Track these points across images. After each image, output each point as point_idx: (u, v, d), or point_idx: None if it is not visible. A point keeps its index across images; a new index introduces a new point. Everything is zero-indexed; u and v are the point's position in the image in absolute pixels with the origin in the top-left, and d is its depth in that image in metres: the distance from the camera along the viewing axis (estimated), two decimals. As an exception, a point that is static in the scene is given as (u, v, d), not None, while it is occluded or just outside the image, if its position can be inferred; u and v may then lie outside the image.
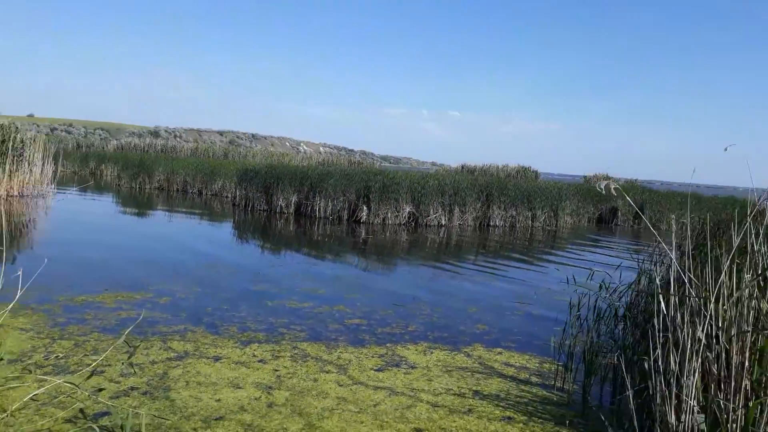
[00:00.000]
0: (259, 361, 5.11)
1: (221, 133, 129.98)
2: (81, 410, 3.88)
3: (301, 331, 6.09)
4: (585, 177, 39.96)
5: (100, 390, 4.18)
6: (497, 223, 18.60)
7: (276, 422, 3.94)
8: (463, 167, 40.23)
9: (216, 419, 3.92)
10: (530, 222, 19.17)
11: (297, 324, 6.32)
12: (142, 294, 7.14)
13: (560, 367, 5.46)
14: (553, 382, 5.08)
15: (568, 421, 4.28)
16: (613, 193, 3.18)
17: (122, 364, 4.75)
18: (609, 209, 22.52)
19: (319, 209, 17.63)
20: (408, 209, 17.38)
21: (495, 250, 14.18)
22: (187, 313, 6.47)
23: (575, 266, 12.03)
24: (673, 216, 16.36)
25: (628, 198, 3.47)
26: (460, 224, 18.03)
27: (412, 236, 15.48)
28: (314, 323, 6.41)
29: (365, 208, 17.15)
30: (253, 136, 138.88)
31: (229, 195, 23.07)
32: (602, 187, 3.17)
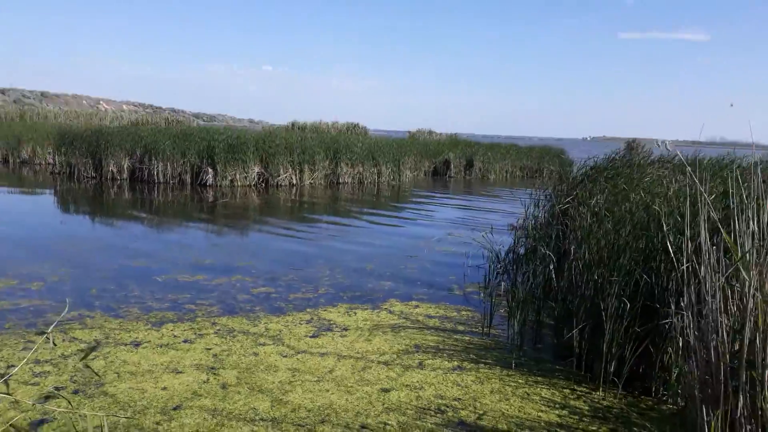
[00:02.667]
0: (185, 342, 4.70)
1: (3, 92, 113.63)
2: (10, 424, 3.28)
3: (210, 305, 5.69)
4: (410, 132, 41.56)
5: (16, 400, 3.56)
6: (346, 180, 18.75)
7: (240, 403, 3.68)
8: (293, 125, 39.65)
9: (174, 409, 3.56)
10: (376, 177, 19.61)
11: (203, 298, 5.89)
12: (3, 281, 6.12)
13: (476, 313, 5.78)
14: (480, 329, 5.35)
15: (513, 363, 4.55)
16: (669, 149, 3.37)
17: (78, 365, 4.08)
18: (442, 162, 23.81)
19: (158, 173, 16.35)
20: (257, 170, 16.81)
21: (358, 207, 14.34)
22: (73, 297, 5.71)
23: (434, 219, 12.65)
24: (498, 165, 17.67)
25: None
26: (311, 183, 17.88)
27: (267, 197, 15.05)
28: (220, 295, 6.02)
29: (210, 170, 16.25)
30: (42, 94, 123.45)
31: (42, 162, 20.46)
32: (660, 144, 3.33)
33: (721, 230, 2.52)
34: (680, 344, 3.40)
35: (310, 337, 4.94)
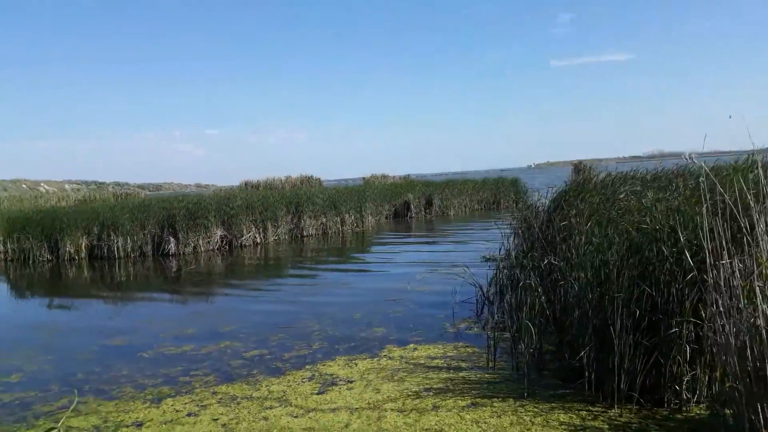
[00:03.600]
0: (189, 415, 4.54)
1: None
2: None
3: (206, 374, 5.52)
4: (364, 178, 41.90)
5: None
6: (311, 232, 18.67)
7: (263, 472, 3.56)
8: (246, 184, 39.41)
9: (196, 488, 3.41)
10: (340, 226, 19.59)
11: (196, 369, 5.71)
12: (-21, 378, 5.81)
13: (474, 348, 5.79)
14: (483, 363, 5.34)
15: (525, 393, 4.55)
16: (694, 160, 3.48)
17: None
18: (402, 204, 24.01)
19: (118, 248, 15.92)
20: (219, 233, 16.58)
21: (328, 258, 14.26)
22: (58, 385, 5.45)
23: (406, 261, 12.70)
24: (456, 200, 17.87)
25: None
26: (275, 239, 17.72)
27: (233, 259, 14.81)
28: (213, 363, 5.85)
29: (172, 239, 15.94)
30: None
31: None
32: (687, 157, 3.44)
33: (746, 234, 2.63)
34: (703, 351, 3.48)
35: (317, 393, 4.84)
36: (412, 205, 23.85)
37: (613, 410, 4.12)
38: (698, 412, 4.00)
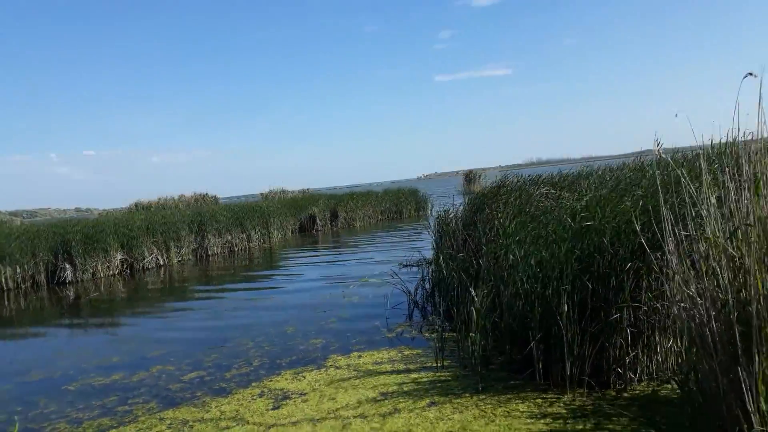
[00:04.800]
0: (141, 445, 4.30)
1: None
2: None
3: (146, 401, 5.24)
4: (262, 194, 41.14)
5: None
6: (216, 251, 18.10)
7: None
8: (137, 205, 37.45)
9: None
10: (247, 243, 19.16)
11: (133, 396, 5.41)
12: None
13: (418, 350, 5.92)
14: (431, 363, 5.47)
15: (480, 387, 4.72)
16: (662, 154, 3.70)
17: None
18: (308, 218, 23.87)
19: (6, 279, 14.64)
20: (119, 256, 15.69)
21: (242, 275, 13.90)
22: (-21, 429, 4.96)
23: (323, 272, 12.68)
24: (361, 212, 18.17)
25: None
26: (179, 261, 17.01)
27: (137, 283, 14.06)
28: (151, 390, 5.57)
29: (68, 265, 14.89)
30: None
31: None
32: (656, 152, 3.65)
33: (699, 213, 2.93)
34: (641, 333, 3.79)
35: (272, 409, 4.75)
36: (317, 219, 23.78)
37: (566, 395, 4.38)
38: (641, 389, 4.36)
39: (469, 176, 42.22)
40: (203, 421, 4.64)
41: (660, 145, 3.82)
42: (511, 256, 5.11)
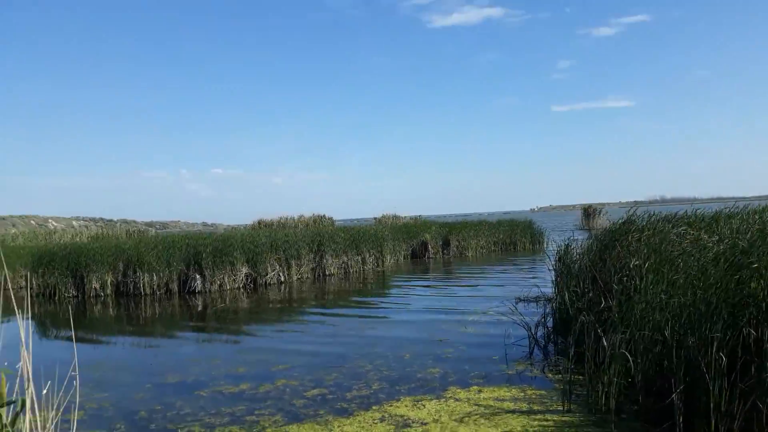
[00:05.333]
0: (269, 457, 4.47)
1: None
2: None
3: (272, 414, 5.46)
4: (375, 218, 42.00)
5: None
6: (332, 271, 18.65)
7: None
8: (260, 223, 39.55)
9: None
10: (361, 266, 19.59)
11: (260, 408, 5.65)
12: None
13: (542, 390, 5.72)
14: (556, 406, 5.27)
15: (611, 436, 4.48)
16: None
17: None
18: (420, 244, 24.03)
19: (144, 285, 15.91)
20: (245, 271, 16.58)
21: (359, 298, 14.22)
22: (124, 423, 5.39)
23: (442, 301, 12.65)
24: (474, 241, 17.89)
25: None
26: (298, 278, 17.70)
27: (260, 297, 14.76)
28: (276, 402, 5.79)
29: (198, 276, 15.94)
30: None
31: (16, 286, 19.64)
32: None
33: None
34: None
35: (394, 435, 4.77)
36: (429, 245, 23.86)
37: (710, 455, 4.06)
38: (800, 458, 3.94)
39: (588, 211, 40.66)
40: (327, 439, 4.75)
41: None
42: (649, 298, 4.84)
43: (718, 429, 4.09)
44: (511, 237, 26.00)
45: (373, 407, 5.51)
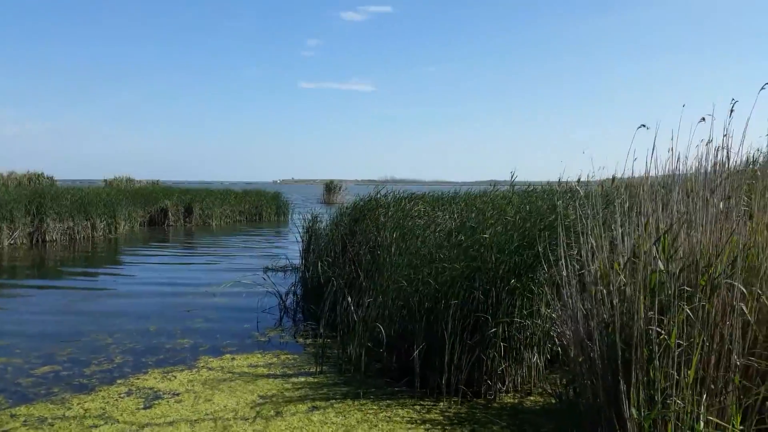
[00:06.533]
0: (-7, 444, 3.88)
1: None
2: None
3: (-9, 397, 4.72)
4: (106, 180, 38.24)
5: None
6: (54, 237, 16.53)
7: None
8: (-46, 177, 32.98)
9: None
10: (91, 232, 17.71)
11: (-26, 391, 4.84)
12: None
13: (295, 355, 5.94)
14: (309, 368, 5.50)
15: (361, 392, 4.85)
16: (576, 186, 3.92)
17: None
18: (159, 211, 22.60)
19: None
20: (-63, 233, 13.79)
21: (83, 264, 12.84)
22: None
23: (186, 269, 12.18)
24: (218, 210, 17.90)
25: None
26: (11, 244, 15.31)
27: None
28: (-5, 384, 5.02)
29: None
30: None
31: None
32: None
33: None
34: (511, 347, 4.16)
35: (144, 408, 4.51)
36: (170, 213, 22.64)
37: (442, 403, 4.65)
38: (509, 400, 4.75)
39: (330, 186, 42.69)
40: (65, 418, 4.29)
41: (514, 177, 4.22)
42: (396, 269, 5.33)
43: (450, 380, 4.72)
44: (257, 207, 25.99)
45: (118, 381, 5.13)
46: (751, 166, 5.10)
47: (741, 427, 2.75)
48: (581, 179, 8.13)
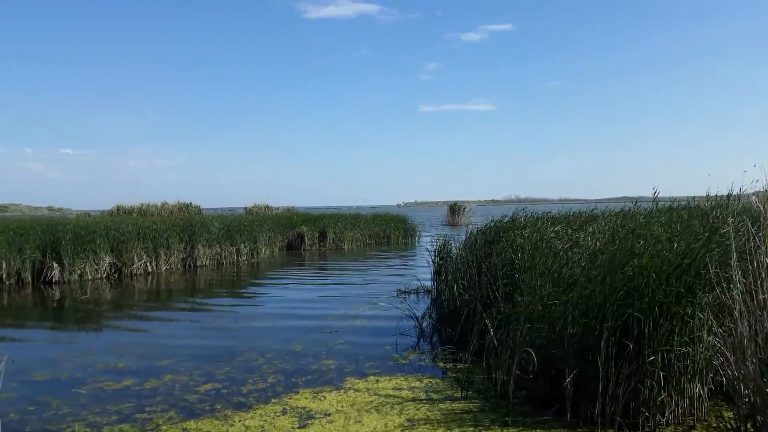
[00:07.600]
0: (170, 455, 4.24)
1: None
2: None
3: (164, 411, 5.16)
4: (246, 208, 40.95)
5: None
6: (204, 263, 17.90)
7: None
8: (119, 209, 36.93)
9: None
10: (235, 257, 19.00)
11: (150, 405, 5.32)
12: None
13: (435, 379, 5.94)
14: (453, 392, 5.48)
15: (510, 420, 4.75)
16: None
17: None
18: (296, 236, 23.78)
19: (-11, 274, 14.29)
20: (108, 260, 15.44)
21: (229, 287, 13.78)
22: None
23: (324, 292, 12.65)
24: (350, 234, 18.20)
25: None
26: (167, 269, 16.80)
27: (126, 289, 13.83)
28: (166, 398, 5.49)
29: (56, 264, 14.60)
30: None
31: None
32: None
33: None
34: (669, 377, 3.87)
35: (299, 428, 4.71)
36: (306, 237, 23.72)
37: (596, 434, 4.44)
38: (671, 432, 4.43)
39: (454, 208, 42.60)
40: (230, 435, 4.59)
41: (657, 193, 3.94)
42: (543, 293, 5.19)
43: (604, 410, 4.49)
44: (385, 231, 26.54)
45: (272, 400, 5.41)
46: None
47: None
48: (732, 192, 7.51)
